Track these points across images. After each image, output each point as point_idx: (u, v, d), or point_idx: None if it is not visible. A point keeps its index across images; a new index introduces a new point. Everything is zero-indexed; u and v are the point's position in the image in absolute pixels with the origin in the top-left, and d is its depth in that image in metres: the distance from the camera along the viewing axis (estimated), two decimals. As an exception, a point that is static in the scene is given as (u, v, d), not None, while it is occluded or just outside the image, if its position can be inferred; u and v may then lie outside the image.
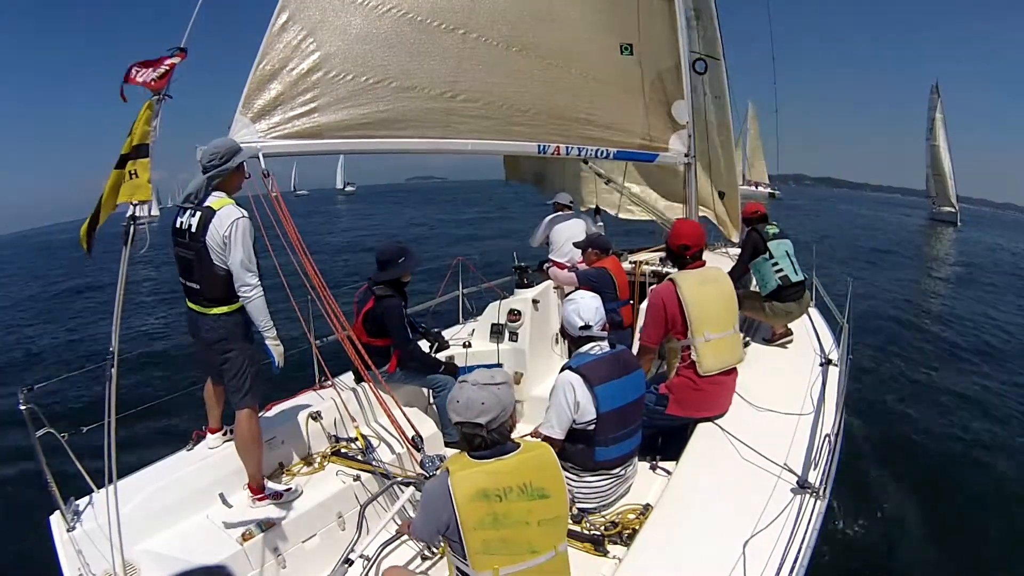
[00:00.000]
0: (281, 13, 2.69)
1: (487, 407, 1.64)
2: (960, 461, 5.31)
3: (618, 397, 2.38)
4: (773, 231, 3.93)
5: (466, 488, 1.57)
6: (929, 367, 8.02)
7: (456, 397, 1.70)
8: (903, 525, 4.22)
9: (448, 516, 1.58)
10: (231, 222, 2.34)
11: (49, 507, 2.35)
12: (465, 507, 1.55)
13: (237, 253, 2.34)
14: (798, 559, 1.85)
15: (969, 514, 4.44)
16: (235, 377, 2.51)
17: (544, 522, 1.61)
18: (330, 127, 2.88)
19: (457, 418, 1.68)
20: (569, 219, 5.29)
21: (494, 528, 1.56)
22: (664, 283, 2.83)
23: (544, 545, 1.61)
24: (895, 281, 14.27)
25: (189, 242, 2.38)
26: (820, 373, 3.30)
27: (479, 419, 1.63)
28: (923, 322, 10.56)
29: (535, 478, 1.62)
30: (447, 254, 7.14)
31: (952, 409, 6.55)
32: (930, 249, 24.49)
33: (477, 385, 1.69)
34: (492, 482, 1.58)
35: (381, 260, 3.35)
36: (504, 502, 1.57)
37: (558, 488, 1.67)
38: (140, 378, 7.01)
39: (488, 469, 1.61)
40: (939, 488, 4.78)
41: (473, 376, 1.74)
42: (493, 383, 1.69)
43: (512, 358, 4.09)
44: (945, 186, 33.72)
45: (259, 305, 2.42)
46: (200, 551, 2.31)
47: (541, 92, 3.68)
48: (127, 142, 1.93)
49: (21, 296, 15.42)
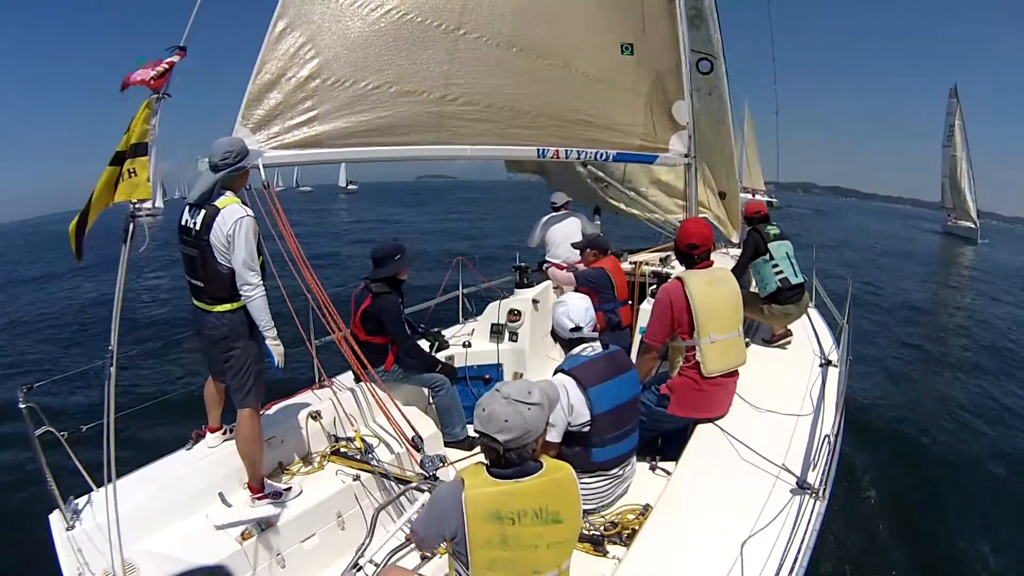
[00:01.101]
0: (279, 20, 2.68)
1: (509, 425, 1.52)
2: (961, 462, 5.31)
3: (613, 398, 2.37)
4: (774, 232, 3.93)
5: (479, 507, 1.50)
6: (934, 370, 8.04)
7: (482, 405, 1.58)
8: (903, 525, 4.22)
9: (456, 527, 1.52)
10: (235, 220, 2.34)
11: (48, 506, 2.34)
12: (476, 525, 1.49)
13: (239, 252, 2.35)
14: (797, 559, 1.85)
15: (969, 514, 4.44)
16: (237, 376, 2.51)
17: (553, 545, 1.55)
18: (330, 135, 2.88)
19: (478, 427, 1.58)
20: (564, 219, 5.29)
21: (502, 549, 1.50)
22: (672, 282, 2.81)
23: (548, 566, 1.56)
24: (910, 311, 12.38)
25: (194, 240, 2.39)
26: (820, 374, 3.30)
27: (498, 435, 1.52)
28: (933, 332, 10.37)
29: (551, 502, 1.54)
30: (448, 253, 7.14)
31: (953, 409, 6.56)
32: (948, 272, 20.87)
33: (508, 399, 1.55)
34: (507, 504, 1.50)
35: (377, 257, 3.35)
36: (516, 526, 1.50)
37: (573, 512, 1.60)
38: (140, 377, 7.01)
39: (505, 490, 1.52)
40: (939, 488, 4.79)
41: (508, 387, 1.61)
42: (525, 401, 1.56)
43: (512, 358, 4.09)
44: (963, 198, 30.38)
45: (260, 305, 2.42)
46: (199, 550, 2.31)
47: (541, 93, 3.68)
48: (124, 139, 1.92)
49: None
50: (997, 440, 5.85)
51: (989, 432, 6.04)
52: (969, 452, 5.52)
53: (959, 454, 5.46)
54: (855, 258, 19.61)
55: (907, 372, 7.98)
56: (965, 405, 6.79)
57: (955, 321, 12.09)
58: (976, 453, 5.51)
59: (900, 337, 9.71)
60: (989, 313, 12.45)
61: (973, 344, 9.71)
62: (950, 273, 20.71)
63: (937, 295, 15.36)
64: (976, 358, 8.84)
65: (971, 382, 7.68)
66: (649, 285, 4.86)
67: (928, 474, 5.03)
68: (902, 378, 7.64)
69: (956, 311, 13.22)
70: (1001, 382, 7.67)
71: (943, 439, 5.77)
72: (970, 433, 5.99)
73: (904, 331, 10.26)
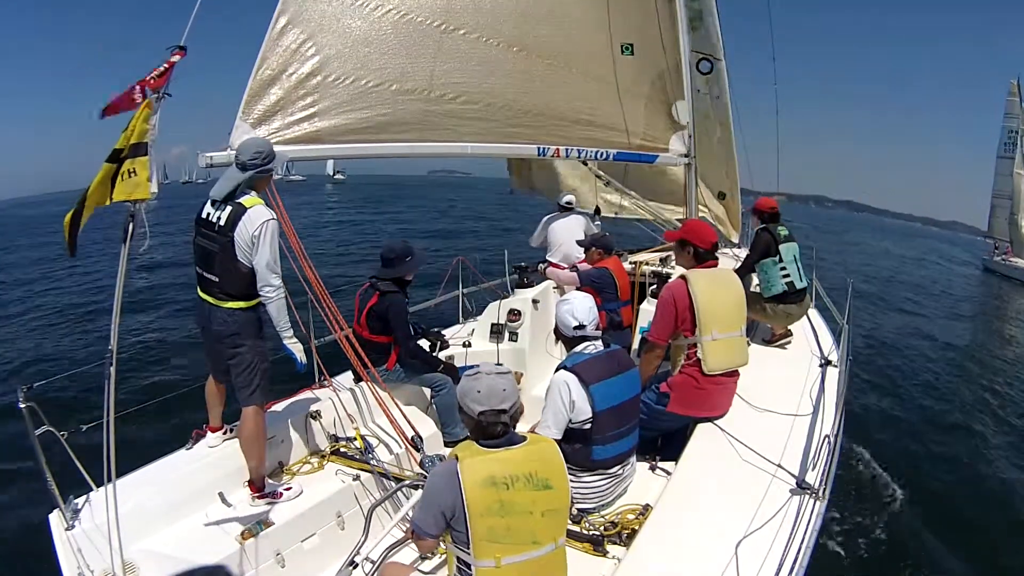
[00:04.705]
0: (280, 17, 2.69)
1: (508, 393, 1.67)
2: (961, 462, 5.31)
3: (614, 395, 2.37)
4: (784, 232, 3.87)
5: (475, 474, 1.58)
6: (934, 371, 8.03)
7: (475, 387, 1.67)
8: (903, 525, 4.22)
9: (454, 500, 1.58)
10: (262, 222, 2.35)
11: (48, 505, 2.34)
12: (473, 492, 1.56)
13: (264, 254, 2.36)
14: (797, 560, 1.85)
15: (970, 514, 4.44)
16: (244, 373, 2.51)
17: (548, 513, 1.62)
18: (330, 131, 2.88)
19: (479, 407, 1.65)
20: (566, 219, 5.27)
21: (500, 516, 1.57)
22: (676, 280, 2.81)
23: (546, 537, 1.63)
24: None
25: (216, 235, 2.39)
26: (819, 374, 3.30)
27: (503, 405, 1.65)
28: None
29: (540, 469, 1.64)
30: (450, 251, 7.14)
31: (954, 411, 6.56)
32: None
33: (492, 374, 1.70)
34: (500, 469, 1.60)
35: (388, 257, 3.34)
36: (511, 490, 1.58)
37: (561, 481, 1.68)
38: (140, 377, 7.01)
39: (497, 457, 1.62)
40: (940, 488, 4.79)
41: (483, 368, 1.74)
42: (503, 371, 1.73)
43: (512, 358, 4.09)
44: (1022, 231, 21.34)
45: (280, 306, 2.45)
46: (199, 550, 2.31)
47: (541, 92, 3.68)
48: (123, 137, 1.91)
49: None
50: (998, 440, 5.85)
51: (990, 432, 6.04)
52: (970, 452, 5.52)
53: (960, 454, 5.47)
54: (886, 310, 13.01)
55: (907, 372, 7.99)
56: (966, 405, 6.80)
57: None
58: (977, 453, 5.51)
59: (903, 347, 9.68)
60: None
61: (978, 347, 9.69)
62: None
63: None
64: (977, 358, 8.84)
65: (971, 382, 7.69)
66: (649, 285, 4.86)
67: (928, 474, 5.03)
68: (902, 378, 7.64)
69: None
70: (1002, 381, 7.67)
71: (944, 439, 5.77)
72: (971, 433, 5.99)
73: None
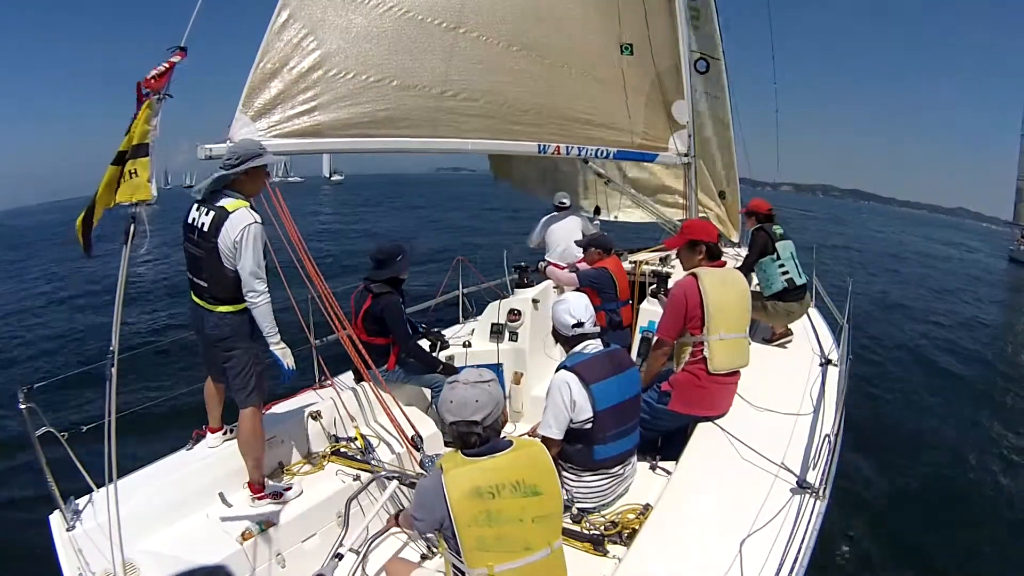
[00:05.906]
0: (282, 11, 2.70)
1: (481, 404, 1.66)
2: (962, 462, 5.31)
3: (615, 394, 2.38)
4: (779, 231, 3.93)
5: (459, 486, 1.58)
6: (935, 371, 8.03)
7: (449, 398, 1.71)
8: (904, 525, 4.23)
9: (442, 513, 1.59)
10: (243, 228, 2.33)
11: (49, 506, 2.34)
12: (458, 504, 1.57)
13: (247, 260, 2.34)
14: (798, 559, 1.85)
15: (971, 514, 4.45)
16: (239, 376, 2.51)
17: (538, 519, 1.62)
18: (330, 126, 2.89)
19: (452, 418, 1.69)
20: (564, 219, 5.27)
21: (488, 525, 1.57)
22: (687, 277, 2.81)
23: (538, 542, 1.62)
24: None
25: (200, 240, 2.38)
26: (820, 373, 3.30)
27: (475, 416, 1.65)
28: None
29: (527, 475, 1.63)
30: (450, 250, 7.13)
31: (955, 411, 6.56)
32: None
33: (468, 384, 1.71)
34: (484, 479, 1.60)
35: (379, 259, 3.34)
36: (497, 499, 1.58)
37: (551, 485, 1.68)
38: (140, 377, 7.00)
39: (481, 467, 1.63)
40: (940, 488, 4.79)
41: (461, 377, 1.76)
42: (483, 380, 1.72)
43: (512, 358, 4.09)
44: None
45: (265, 311, 2.42)
46: (200, 550, 2.31)
47: (541, 91, 3.68)
48: (126, 139, 1.92)
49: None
50: (999, 440, 5.85)
51: (991, 432, 6.04)
52: (971, 452, 5.52)
53: (960, 454, 5.47)
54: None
55: (908, 373, 7.99)
56: (967, 405, 6.80)
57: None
58: (978, 453, 5.51)
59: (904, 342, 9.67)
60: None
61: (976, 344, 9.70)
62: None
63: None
64: (978, 358, 8.84)
65: (972, 381, 7.68)
66: (649, 285, 4.86)
67: (929, 474, 5.03)
68: (903, 378, 7.64)
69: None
70: (1002, 382, 7.67)
71: (944, 439, 5.77)
72: (972, 433, 5.99)
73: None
